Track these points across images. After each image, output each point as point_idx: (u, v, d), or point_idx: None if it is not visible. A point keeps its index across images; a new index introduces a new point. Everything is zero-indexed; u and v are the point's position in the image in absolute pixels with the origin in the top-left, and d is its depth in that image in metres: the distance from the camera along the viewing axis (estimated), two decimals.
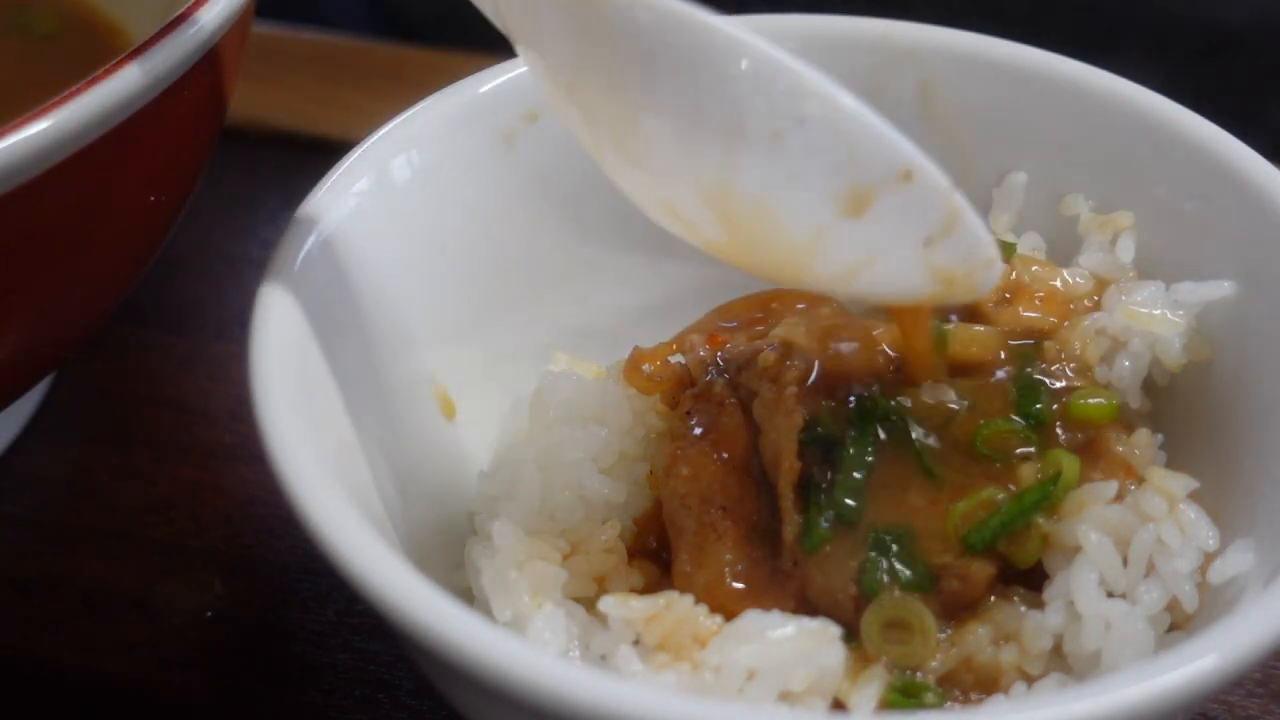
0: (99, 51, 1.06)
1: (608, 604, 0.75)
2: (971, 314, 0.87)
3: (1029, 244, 0.90)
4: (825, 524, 0.77)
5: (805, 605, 0.77)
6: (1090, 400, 0.81)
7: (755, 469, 0.81)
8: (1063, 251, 0.89)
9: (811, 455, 0.80)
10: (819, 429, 0.80)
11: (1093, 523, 0.75)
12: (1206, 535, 0.76)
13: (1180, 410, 0.86)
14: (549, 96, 0.74)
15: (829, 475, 0.79)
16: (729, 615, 0.75)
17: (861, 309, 0.93)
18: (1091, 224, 0.89)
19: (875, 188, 0.69)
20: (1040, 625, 0.75)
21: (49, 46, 1.07)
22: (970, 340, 0.84)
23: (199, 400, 1.07)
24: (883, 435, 0.80)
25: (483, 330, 0.91)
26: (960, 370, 0.85)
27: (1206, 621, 0.74)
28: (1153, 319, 0.82)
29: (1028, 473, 0.78)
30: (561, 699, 0.60)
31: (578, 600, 0.79)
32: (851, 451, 0.79)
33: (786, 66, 0.68)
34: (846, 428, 0.80)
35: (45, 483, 1.02)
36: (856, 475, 0.78)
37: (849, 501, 0.77)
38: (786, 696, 0.70)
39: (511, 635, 0.63)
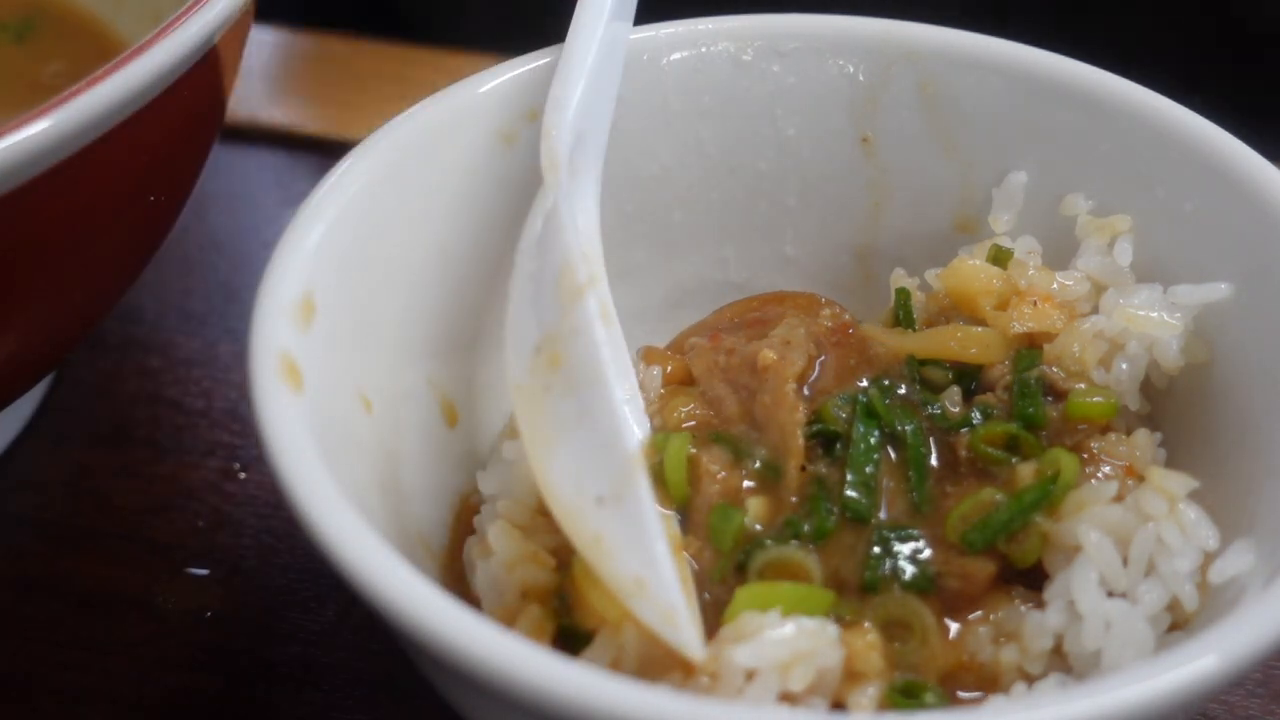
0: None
1: None
2: (970, 318, 0.87)
3: (1025, 247, 0.90)
4: (829, 519, 0.77)
5: None
6: (1091, 399, 0.81)
7: (756, 468, 0.81)
8: (1061, 253, 0.89)
9: (814, 450, 0.80)
10: (821, 424, 0.81)
11: (1093, 522, 0.75)
12: (1206, 535, 0.76)
13: (1179, 412, 0.86)
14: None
15: (833, 470, 0.79)
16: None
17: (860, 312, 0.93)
18: (1089, 227, 0.89)
19: None
20: (1040, 625, 0.75)
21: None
22: (970, 343, 0.84)
23: (199, 400, 1.07)
24: (884, 433, 0.80)
25: (483, 330, 0.91)
26: (961, 373, 0.85)
27: (1206, 621, 0.74)
28: (1150, 322, 0.82)
29: (1027, 472, 0.78)
30: (561, 699, 0.60)
31: None
32: (861, 447, 0.79)
33: None
34: (849, 424, 0.80)
35: (45, 483, 1.02)
36: (868, 470, 0.78)
37: (857, 496, 0.78)
38: (786, 697, 0.70)
39: (510, 635, 0.63)
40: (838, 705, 0.72)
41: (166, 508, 1.00)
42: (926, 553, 0.77)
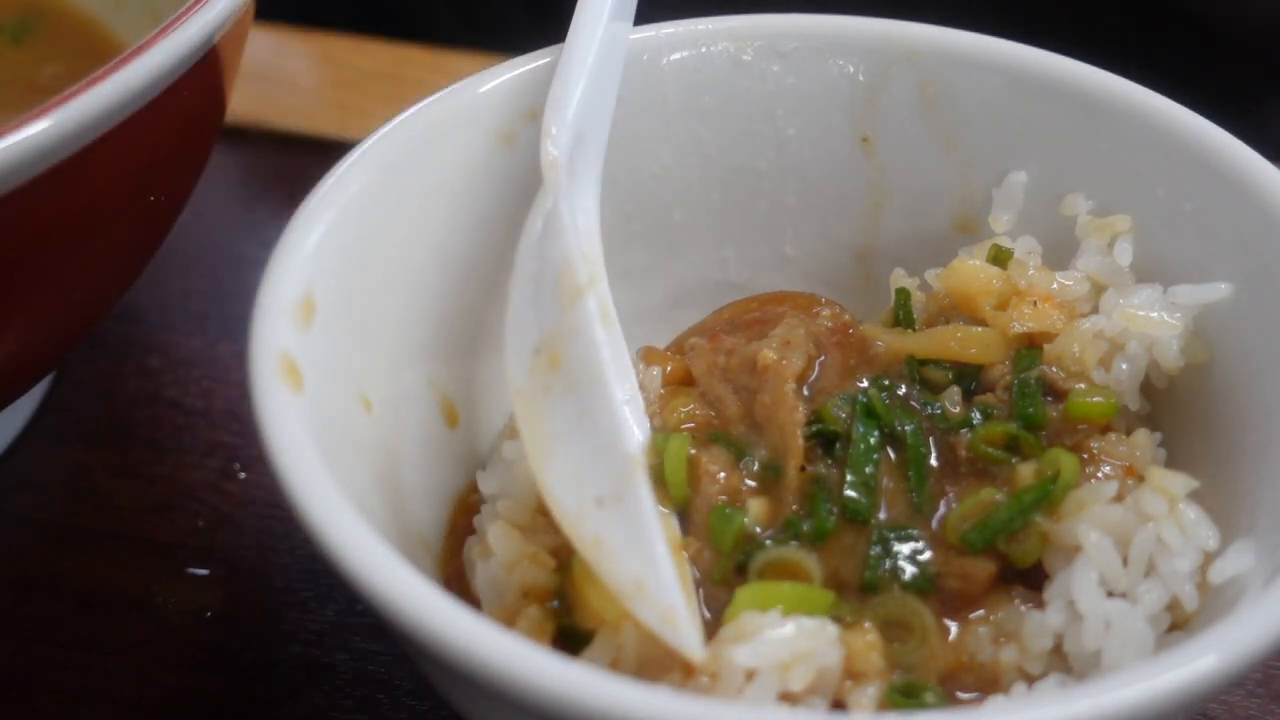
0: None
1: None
2: (970, 318, 0.87)
3: (1025, 247, 0.90)
4: (829, 520, 0.77)
5: None
6: (1091, 399, 0.81)
7: (755, 469, 0.81)
8: (1061, 253, 0.89)
9: (814, 450, 0.80)
10: (821, 424, 0.81)
11: (1093, 522, 0.75)
12: (1206, 535, 0.76)
13: (1179, 412, 0.86)
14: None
15: (833, 470, 0.79)
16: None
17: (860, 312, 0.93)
18: (1089, 227, 0.89)
19: None
20: (1040, 625, 0.75)
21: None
22: (970, 343, 0.84)
23: (199, 400, 1.07)
24: (884, 433, 0.80)
25: (483, 331, 0.91)
26: (961, 373, 0.85)
27: (1206, 621, 0.74)
28: (1150, 322, 0.82)
29: (1027, 472, 0.78)
30: (561, 699, 0.60)
31: None
32: (861, 447, 0.79)
33: None
34: (849, 424, 0.80)
35: (45, 483, 1.02)
36: (868, 470, 0.78)
37: (857, 496, 0.78)
38: (786, 697, 0.70)
39: (510, 635, 0.63)
40: (838, 705, 0.72)
41: (166, 508, 1.00)
42: (926, 553, 0.77)
